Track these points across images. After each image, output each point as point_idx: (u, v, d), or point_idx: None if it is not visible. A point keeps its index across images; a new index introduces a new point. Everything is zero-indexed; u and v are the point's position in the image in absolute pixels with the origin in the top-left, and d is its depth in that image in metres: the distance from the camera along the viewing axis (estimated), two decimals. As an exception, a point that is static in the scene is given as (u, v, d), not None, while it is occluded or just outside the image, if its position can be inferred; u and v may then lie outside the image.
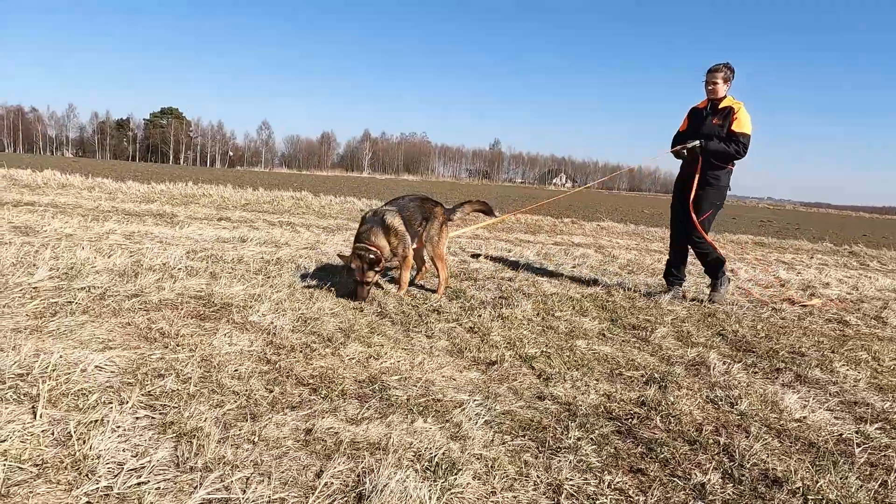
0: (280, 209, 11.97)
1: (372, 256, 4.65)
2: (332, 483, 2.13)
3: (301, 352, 3.41)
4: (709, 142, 5.70)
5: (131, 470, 2.07)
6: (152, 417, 2.47)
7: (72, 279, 4.35)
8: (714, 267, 6.07)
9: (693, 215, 5.84)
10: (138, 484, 2.01)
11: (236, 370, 3.04)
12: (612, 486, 2.33)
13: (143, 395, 2.62)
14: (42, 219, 7.17)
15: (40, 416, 2.33)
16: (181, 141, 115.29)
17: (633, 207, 34.03)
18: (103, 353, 3.02)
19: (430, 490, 2.09)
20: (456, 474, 2.23)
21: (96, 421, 2.35)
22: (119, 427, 2.33)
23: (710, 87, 5.78)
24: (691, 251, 6.12)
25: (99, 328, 3.44)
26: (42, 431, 2.25)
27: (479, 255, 7.54)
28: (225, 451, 2.24)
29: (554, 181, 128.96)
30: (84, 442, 2.18)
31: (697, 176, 5.84)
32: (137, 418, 2.44)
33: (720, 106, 5.75)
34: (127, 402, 2.51)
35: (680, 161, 6.10)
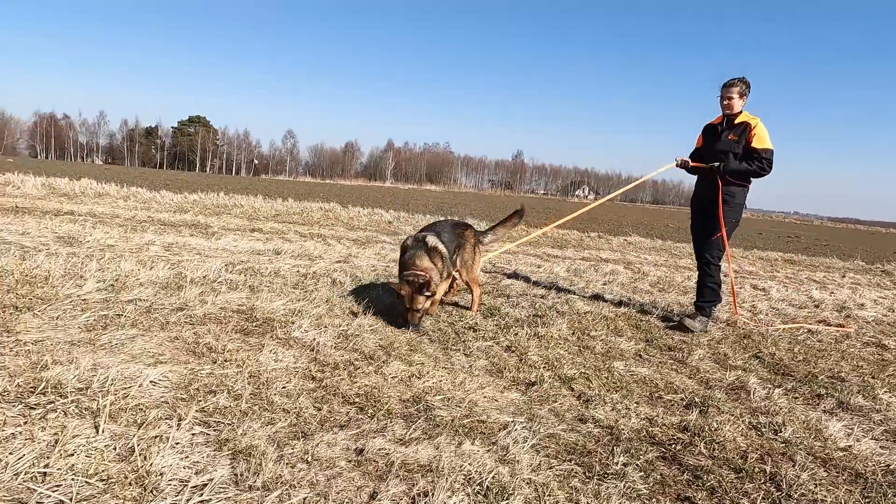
0: (310, 220, 12.10)
1: (421, 281, 4.51)
2: (387, 505, 2.17)
3: (345, 369, 3.46)
4: (729, 163, 5.53)
5: (194, 488, 2.13)
6: (207, 434, 2.53)
7: (118, 291, 4.46)
8: (706, 293, 5.73)
9: (723, 232, 5.61)
10: (202, 502, 2.07)
11: (284, 387, 3.10)
12: (661, 515, 2.34)
13: (197, 411, 2.69)
14: (83, 229, 7.35)
15: (103, 431, 2.41)
16: (208, 149, 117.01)
17: (658, 221, 33.78)
18: (156, 367, 3.09)
19: (483, 515, 2.12)
20: (507, 499, 2.26)
21: (156, 437, 2.42)
22: (178, 443, 2.40)
23: (725, 103, 5.62)
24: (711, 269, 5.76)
25: (149, 342, 3.52)
26: (105, 446, 2.33)
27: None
28: (282, 470, 2.30)
29: (577, 193, 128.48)
30: (146, 458, 2.25)
31: (707, 196, 5.72)
32: (194, 434, 2.51)
33: (736, 121, 5.59)
34: (184, 419, 2.58)
35: (695, 177, 6.00)
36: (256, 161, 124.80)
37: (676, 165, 5.92)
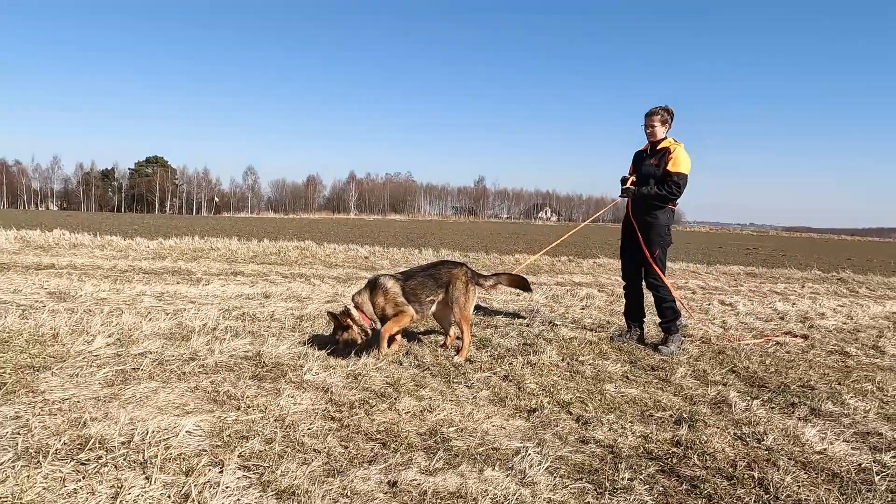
0: (287, 260, 12.25)
1: (338, 318, 4.92)
2: (429, 530, 2.40)
3: (361, 408, 3.69)
4: (641, 188, 5.86)
5: (252, 527, 2.34)
6: (250, 478, 2.74)
7: (128, 346, 4.62)
8: (667, 313, 5.96)
9: (648, 255, 5.90)
10: (262, 539, 2.28)
11: (310, 428, 3.31)
12: (669, 522, 2.62)
13: (237, 456, 2.90)
14: (71, 283, 7.42)
15: (155, 481, 2.60)
16: (167, 189, 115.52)
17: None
18: (186, 418, 3.28)
19: (516, 532, 2.37)
20: (532, 517, 2.52)
21: (206, 483, 2.62)
22: (228, 488, 2.60)
23: (648, 130, 5.92)
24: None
25: (171, 394, 3.71)
26: (161, 495, 2.52)
27: None
28: (327, 505, 2.52)
29: (539, 215, 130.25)
30: (207, 502, 2.45)
31: (633, 219, 6.02)
32: (238, 478, 2.71)
33: (658, 147, 5.89)
34: (227, 465, 2.79)
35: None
36: (217, 199, 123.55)
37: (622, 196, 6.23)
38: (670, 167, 5.73)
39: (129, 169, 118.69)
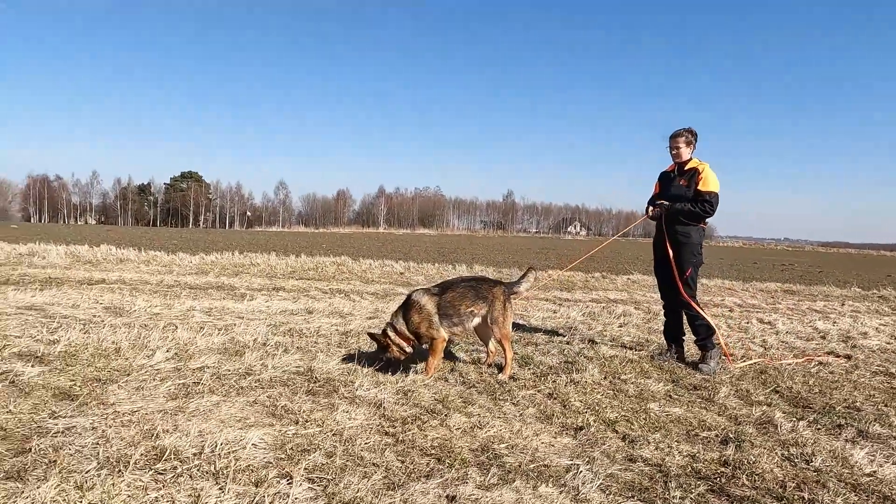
0: (325, 275, 12.50)
1: (379, 340, 5.01)
2: (490, 543, 2.51)
3: (413, 423, 3.82)
4: (674, 203, 5.96)
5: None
6: (315, 489, 2.88)
7: (186, 360, 4.82)
8: (700, 331, 6.01)
9: (678, 278, 5.97)
10: (333, 548, 2.41)
11: (367, 443, 3.45)
12: (722, 540, 2.69)
13: (301, 469, 3.04)
14: (123, 297, 7.72)
15: (228, 491, 2.76)
16: (201, 203, 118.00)
17: (651, 255, 34.28)
18: (249, 431, 3.45)
19: (575, 547, 2.46)
20: (589, 533, 2.61)
21: (276, 493, 2.76)
22: (297, 499, 2.74)
23: (673, 152, 6.07)
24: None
25: (231, 407, 3.88)
26: (235, 499, 2.67)
27: None
28: (392, 517, 2.64)
29: (568, 230, 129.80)
30: (277, 513, 2.60)
31: (666, 238, 6.07)
32: (304, 490, 2.85)
33: (686, 168, 6.02)
34: (293, 477, 2.93)
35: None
36: (249, 213, 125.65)
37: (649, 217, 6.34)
38: (701, 187, 5.87)
39: (164, 184, 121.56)
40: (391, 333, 5.00)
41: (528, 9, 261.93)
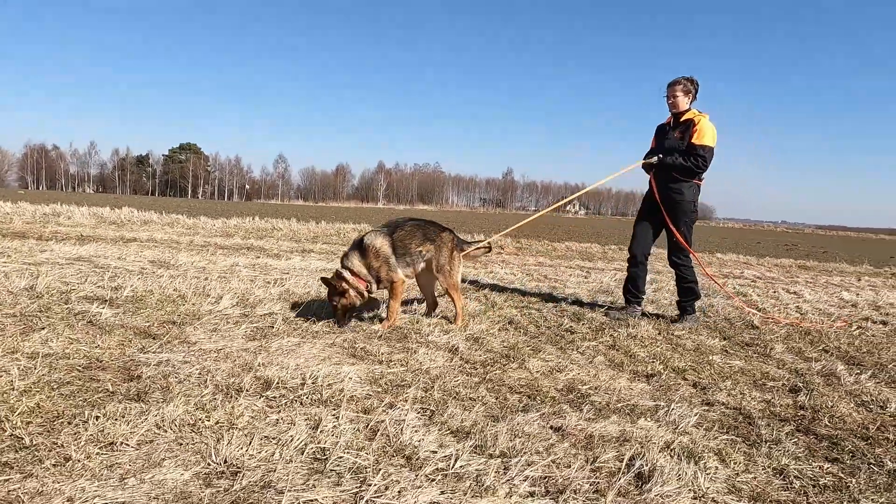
0: (349, 240, 12.53)
1: (333, 284, 4.58)
2: (608, 465, 2.58)
3: (494, 366, 3.89)
4: (665, 157, 5.66)
5: (445, 457, 2.52)
6: (424, 418, 2.94)
7: (252, 307, 4.87)
8: (687, 293, 5.91)
9: (675, 232, 5.75)
10: (459, 467, 2.47)
11: (456, 380, 3.51)
12: (824, 471, 2.77)
13: (403, 401, 3.10)
14: (164, 254, 7.74)
15: (341, 417, 2.82)
16: (199, 175, 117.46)
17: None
18: (341, 366, 3.51)
19: (693, 471, 2.53)
20: (699, 461, 2.68)
21: (391, 420, 2.82)
22: (410, 424, 2.80)
23: (670, 101, 5.72)
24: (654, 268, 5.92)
25: (313, 348, 3.94)
26: (352, 428, 2.73)
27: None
28: (507, 442, 2.71)
29: (567, 208, 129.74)
30: (395, 436, 2.66)
31: (657, 194, 5.83)
32: (415, 417, 2.91)
33: (682, 119, 5.68)
34: (395, 406, 3.00)
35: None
36: (248, 186, 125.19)
37: (643, 167, 6.00)
38: (695, 140, 5.54)
39: (163, 155, 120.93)
40: (349, 276, 4.62)
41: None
